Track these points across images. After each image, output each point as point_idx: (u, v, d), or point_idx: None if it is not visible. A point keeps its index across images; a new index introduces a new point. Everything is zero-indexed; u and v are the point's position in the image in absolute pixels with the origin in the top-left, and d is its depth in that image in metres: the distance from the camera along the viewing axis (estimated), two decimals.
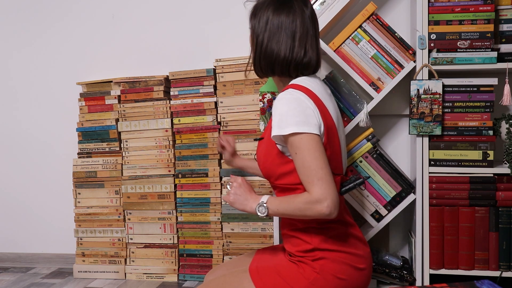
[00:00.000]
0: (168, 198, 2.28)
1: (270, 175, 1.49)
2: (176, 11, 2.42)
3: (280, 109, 1.40)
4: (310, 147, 1.35)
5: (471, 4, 1.87)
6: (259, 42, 1.51)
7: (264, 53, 1.51)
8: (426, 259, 1.93)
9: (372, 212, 1.97)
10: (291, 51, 1.48)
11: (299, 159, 1.36)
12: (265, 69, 1.54)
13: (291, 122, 1.36)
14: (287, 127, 1.36)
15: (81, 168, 2.37)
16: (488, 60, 1.87)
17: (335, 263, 1.41)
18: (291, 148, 1.38)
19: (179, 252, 2.30)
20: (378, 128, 2.23)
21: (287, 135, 1.37)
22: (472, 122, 1.90)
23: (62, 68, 2.55)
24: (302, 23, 1.50)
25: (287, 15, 1.49)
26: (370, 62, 1.94)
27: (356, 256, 1.44)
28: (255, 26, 1.52)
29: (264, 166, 1.50)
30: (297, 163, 1.38)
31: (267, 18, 1.50)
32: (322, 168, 1.34)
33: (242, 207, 1.47)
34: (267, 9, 1.51)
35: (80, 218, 2.38)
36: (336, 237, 1.44)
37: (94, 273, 2.36)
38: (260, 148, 1.54)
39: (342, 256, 1.42)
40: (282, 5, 1.50)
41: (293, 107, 1.38)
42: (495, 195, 1.88)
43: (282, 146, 1.45)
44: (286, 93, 1.43)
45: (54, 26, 2.54)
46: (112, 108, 2.34)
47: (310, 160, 1.34)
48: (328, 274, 1.40)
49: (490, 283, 1.07)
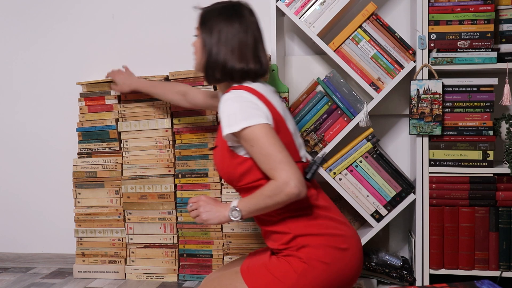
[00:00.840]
0: (168, 198, 2.28)
1: (232, 179, 1.53)
2: (176, 11, 2.42)
3: (226, 109, 1.44)
4: (263, 136, 1.39)
5: (471, 4, 1.87)
6: (213, 53, 1.53)
7: (220, 64, 1.53)
8: (426, 259, 1.93)
9: (372, 212, 1.97)
10: (246, 61, 1.52)
11: (256, 150, 1.40)
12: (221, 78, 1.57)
13: (239, 118, 1.41)
14: (236, 124, 1.40)
15: (81, 168, 2.37)
16: (488, 60, 1.87)
17: (318, 248, 1.44)
18: (246, 143, 1.42)
19: (179, 252, 2.30)
20: (378, 128, 2.23)
21: (239, 131, 1.40)
22: (472, 122, 1.90)
23: (62, 68, 2.55)
24: (252, 33, 1.54)
25: (240, 25, 1.52)
26: (370, 62, 1.94)
27: (337, 236, 1.47)
28: (206, 36, 1.54)
29: (224, 171, 1.54)
30: (255, 155, 1.41)
31: (219, 28, 1.52)
32: (280, 151, 1.39)
33: (217, 220, 1.49)
34: (218, 18, 1.53)
35: (80, 218, 2.38)
36: (313, 220, 1.47)
37: (94, 273, 2.36)
38: (215, 156, 1.58)
39: (323, 239, 1.45)
40: (233, 15, 1.53)
41: (239, 104, 1.44)
42: (495, 195, 1.88)
43: (235, 147, 1.48)
44: (229, 94, 1.47)
45: (54, 27, 2.54)
46: (112, 108, 2.34)
47: (267, 147, 1.38)
48: (315, 261, 1.42)
49: (490, 283, 1.07)
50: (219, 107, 1.48)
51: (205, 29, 1.55)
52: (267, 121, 1.42)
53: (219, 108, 1.48)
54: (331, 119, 1.97)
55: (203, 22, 1.56)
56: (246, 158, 1.48)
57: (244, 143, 1.43)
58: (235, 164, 1.49)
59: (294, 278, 1.42)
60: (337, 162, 1.97)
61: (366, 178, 1.96)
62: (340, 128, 1.97)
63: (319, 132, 1.98)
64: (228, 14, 1.53)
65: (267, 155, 1.38)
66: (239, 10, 1.54)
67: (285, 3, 1.97)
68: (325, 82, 1.96)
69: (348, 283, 1.49)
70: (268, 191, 1.39)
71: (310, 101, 1.98)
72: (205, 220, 1.50)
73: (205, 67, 1.56)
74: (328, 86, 1.96)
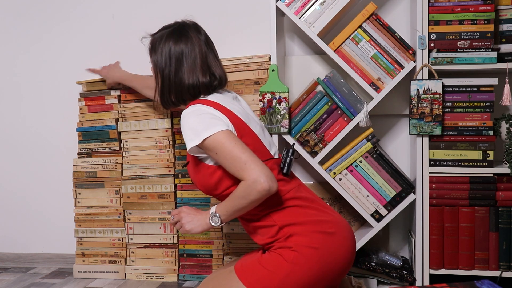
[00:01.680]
0: (168, 198, 2.28)
1: (209, 189, 1.58)
2: (176, 11, 2.42)
3: (186, 124, 1.51)
4: (225, 141, 1.45)
5: (471, 4, 1.87)
6: (165, 75, 1.63)
7: (173, 84, 1.62)
8: (426, 259, 1.93)
9: (372, 212, 1.97)
10: (197, 78, 1.60)
11: (221, 156, 1.45)
12: (176, 100, 1.65)
13: (200, 129, 1.47)
14: (197, 136, 1.46)
15: (81, 168, 2.37)
16: (488, 60, 1.87)
17: (305, 235, 1.48)
18: (211, 152, 1.48)
19: (179, 252, 2.30)
20: (378, 128, 2.23)
21: (201, 142, 1.46)
22: (472, 122, 1.90)
23: (62, 68, 2.55)
24: (200, 49, 1.62)
25: (186, 44, 1.61)
26: (370, 62, 1.94)
27: (322, 222, 1.51)
28: (158, 61, 1.64)
29: (200, 184, 1.60)
30: (222, 162, 1.47)
31: (168, 50, 1.62)
32: (243, 152, 1.44)
33: (200, 228, 1.55)
34: (166, 42, 1.63)
35: (80, 218, 2.38)
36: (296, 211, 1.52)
37: (94, 273, 2.36)
38: (189, 171, 1.64)
39: (309, 226, 1.49)
40: (179, 36, 1.62)
41: (196, 117, 1.50)
42: (495, 195, 1.88)
43: (204, 158, 1.55)
44: (187, 110, 1.55)
45: (54, 27, 2.54)
46: (112, 108, 2.34)
47: (230, 151, 1.44)
48: (303, 248, 1.46)
49: (490, 283, 1.07)
50: (181, 122, 1.55)
51: (155, 54, 1.64)
52: (227, 128, 1.48)
53: (181, 124, 1.54)
54: (331, 119, 1.97)
55: (152, 48, 1.66)
56: (216, 166, 1.53)
57: (209, 152, 1.49)
58: (208, 175, 1.55)
59: (287, 268, 1.46)
60: (337, 162, 1.97)
61: (366, 178, 1.96)
62: (340, 128, 1.97)
63: (319, 132, 1.98)
64: (174, 35, 1.63)
65: (232, 158, 1.44)
66: (183, 29, 1.64)
67: (285, 3, 1.97)
68: (325, 82, 1.96)
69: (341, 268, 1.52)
70: (240, 192, 1.44)
71: (310, 101, 1.98)
72: (188, 230, 1.56)
73: (161, 91, 1.65)
74: (328, 86, 1.96)
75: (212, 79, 1.63)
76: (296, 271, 1.45)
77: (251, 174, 1.41)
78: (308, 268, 1.45)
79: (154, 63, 1.66)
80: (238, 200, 1.46)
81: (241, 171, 1.43)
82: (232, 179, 1.52)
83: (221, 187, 1.55)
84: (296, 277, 1.45)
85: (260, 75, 2.18)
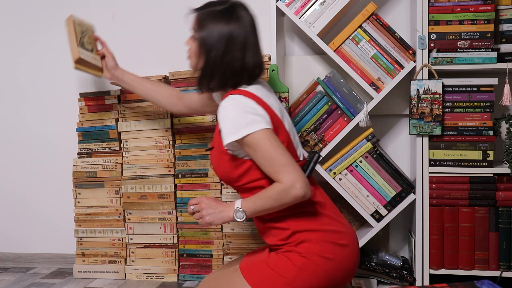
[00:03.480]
0: (168, 198, 2.28)
1: (230, 180, 1.53)
2: (176, 11, 2.42)
3: (227, 116, 1.44)
4: (266, 141, 1.40)
5: (471, 4, 1.87)
6: (212, 57, 1.50)
7: (218, 67, 1.51)
8: (426, 259, 1.93)
9: (372, 212, 1.97)
10: (244, 63, 1.50)
11: (259, 155, 1.41)
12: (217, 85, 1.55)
13: (242, 125, 1.40)
14: (239, 131, 1.40)
15: (81, 168, 2.37)
16: (488, 60, 1.87)
17: (318, 243, 1.45)
18: (248, 149, 1.42)
19: (179, 252, 2.30)
20: (378, 128, 2.23)
21: (241, 138, 1.41)
22: (472, 122, 1.90)
23: (62, 68, 2.55)
24: (249, 33, 1.52)
25: (237, 26, 1.49)
26: (370, 62, 1.94)
27: (335, 232, 1.48)
28: (206, 39, 1.50)
29: (222, 173, 1.54)
30: (258, 160, 1.42)
31: (219, 30, 1.48)
32: (283, 154, 1.40)
33: (221, 220, 1.49)
34: (217, 20, 1.49)
35: (80, 218, 2.38)
36: (311, 217, 1.49)
37: (94, 273, 2.36)
38: (212, 157, 1.58)
39: (322, 234, 1.46)
40: (231, 16, 1.50)
41: (239, 111, 1.43)
42: (495, 195, 1.88)
43: (233, 151, 1.49)
44: (227, 100, 1.47)
45: (54, 27, 2.54)
46: (112, 108, 2.34)
47: (271, 151, 1.39)
48: (314, 256, 1.43)
49: (490, 283, 1.07)
50: (218, 113, 1.48)
51: (202, 31, 1.51)
52: (267, 126, 1.43)
53: (218, 115, 1.48)
54: (331, 119, 1.97)
55: (200, 24, 1.52)
56: (245, 160, 1.48)
57: (246, 148, 1.43)
58: (233, 166, 1.50)
59: (294, 272, 1.43)
60: (337, 162, 1.97)
61: (366, 178, 1.96)
62: (340, 128, 1.97)
63: (319, 132, 1.98)
64: (225, 14, 1.50)
65: (271, 159, 1.39)
66: (234, 9, 1.52)
67: (285, 3, 1.97)
68: (325, 82, 1.96)
69: (346, 278, 1.50)
70: (274, 194, 1.40)
71: (310, 101, 1.98)
72: (209, 223, 1.49)
73: (202, 71, 1.55)
74: (328, 86, 1.96)
75: (257, 66, 1.53)
76: (303, 276, 1.43)
77: (288, 178, 1.38)
78: (316, 276, 1.43)
79: (201, 40, 1.51)
80: (268, 200, 1.41)
81: (278, 173, 1.39)
82: (257, 174, 1.48)
83: (243, 180, 1.50)
84: (302, 282, 1.43)
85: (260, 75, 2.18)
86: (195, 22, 1.55)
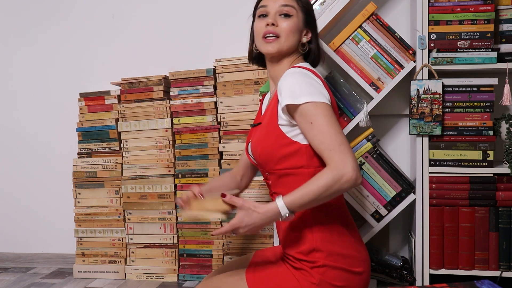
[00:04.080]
0: (168, 198, 2.28)
1: (269, 160, 1.41)
2: (176, 11, 2.42)
3: (290, 82, 1.36)
4: (326, 114, 1.31)
5: (471, 4, 1.87)
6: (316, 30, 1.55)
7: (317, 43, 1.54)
8: (426, 259, 1.93)
9: (372, 212, 1.97)
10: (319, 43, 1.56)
11: (315, 128, 1.31)
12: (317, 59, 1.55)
13: (304, 92, 1.33)
14: (300, 96, 1.32)
15: (81, 168, 2.37)
16: (488, 60, 1.87)
17: (334, 270, 1.36)
18: (305, 118, 1.32)
19: (179, 252, 2.30)
20: (378, 128, 2.23)
21: (301, 104, 1.32)
22: (472, 122, 1.90)
23: (62, 68, 2.55)
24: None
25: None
26: (370, 62, 1.94)
27: (355, 259, 1.40)
28: (309, 8, 1.51)
29: (263, 151, 1.41)
30: (312, 133, 1.32)
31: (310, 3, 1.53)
32: (340, 133, 1.31)
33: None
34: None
35: (80, 218, 2.38)
36: (337, 236, 1.40)
37: (94, 273, 2.36)
38: (256, 134, 1.47)
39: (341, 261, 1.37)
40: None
41: (303, 79, 1.36)
42: (495, 195, 1.88)
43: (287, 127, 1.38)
44: (292, 70, 1.41)
45: (54, 26, 2.54)
46: (112, 108, 2.34)
47: (328, 126, 1.30)
48: (327, 284, 1.35)
49: (490, 283, 1.07)
50: (281, 80, 1.39)
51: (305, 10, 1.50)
52: (329, 103, 1.35)
53: (280, 81, 1.38)
54: None
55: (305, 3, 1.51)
56: (294, 141, 1.38)
57: (301, 119, 1.33)
58: (280, 145, 1.38)
59: None
60: None
61: (366, 178, 1.96)
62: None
63: None
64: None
65: (328, 134, 1.29)
66: None
67: None
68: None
69: None
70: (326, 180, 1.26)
71: None
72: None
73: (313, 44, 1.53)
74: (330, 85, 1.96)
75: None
76: None
77: (342, 158, 1.26)
78: None
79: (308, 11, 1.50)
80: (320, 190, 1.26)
81: (332, 151, 1.27)
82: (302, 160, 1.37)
83: (284, 163, 1.39)
84: None
85: (260, 75, 2.18)
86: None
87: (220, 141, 2.25)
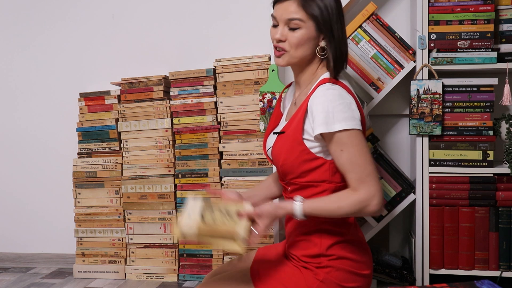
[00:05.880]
0: (168, 198, 2.28)
1: (290, 172, 1.38)
2: (176, 11, 2.42)
3: (325, 105, 1.30)
4: (357, 143, 1.29)
5: (471, 4, 1.87)
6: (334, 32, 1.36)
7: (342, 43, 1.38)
8: (426, 259, 1.93)
9: None
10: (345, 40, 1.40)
11: (344, 156, 1.29)
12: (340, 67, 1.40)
13: (338, 118, 1.29)
14: (335, 123, 1.28)
15: (81, 168, 2.37)
16: (488, 60, 1.87)
17: (340, 272, 1.36)
18: (335, 145, 1.30)
19: (179, 252, 2.30)
20: (378, 128, 2.23)
21: (333, 132, 1.29)
22: (472, 122, 1.90)
23: (62, 67, 2.55)
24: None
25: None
26: (370, 62, 1.94)
27: (361, 263, 1.40)
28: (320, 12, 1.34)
29: (286, 162, 1.37)
30: (342, 161, 1.30)
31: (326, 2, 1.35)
32: (370, 163, 1.30)
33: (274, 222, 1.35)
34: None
35: (80, 218, 2.38)
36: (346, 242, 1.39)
37: (94, 273, 2.36)
38: (279, 143, 1.40)
39: (347, 263, 1.37)
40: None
41: (339, 103, 1.30)
42: (495, 195, 1.88)
43: (312, 142, 1.35)
44: (326, 88, 1.33)
45: (54, 26, 2.54)
46: (112, 108, 2.34)
47: (359, 156, 1.29)
48: (332, 283, 1.35)
49: (490, 283, 1.07)
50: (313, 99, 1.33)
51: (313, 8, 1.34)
52: (361, 127, 1.32)
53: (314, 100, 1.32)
54: None
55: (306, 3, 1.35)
56: (318, 157, 1.35)
57: (332, 146, 1.31)
58: (303, 160, 1.35)
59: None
60: None
61: None
62: None
63: None
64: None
65: (358, 164, 1.28)
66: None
67: None
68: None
69: None
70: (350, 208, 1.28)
71: None
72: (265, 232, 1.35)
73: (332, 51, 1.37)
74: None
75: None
76: None
77: (368, 191, 1.27)
78: None
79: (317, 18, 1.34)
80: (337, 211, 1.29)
81: (359, 181, 1.28)
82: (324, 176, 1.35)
83: (306, 177, 1.36)
84: None
85: (260, 75, 2.19)
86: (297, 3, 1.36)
87: (220, 141, 2.25)
